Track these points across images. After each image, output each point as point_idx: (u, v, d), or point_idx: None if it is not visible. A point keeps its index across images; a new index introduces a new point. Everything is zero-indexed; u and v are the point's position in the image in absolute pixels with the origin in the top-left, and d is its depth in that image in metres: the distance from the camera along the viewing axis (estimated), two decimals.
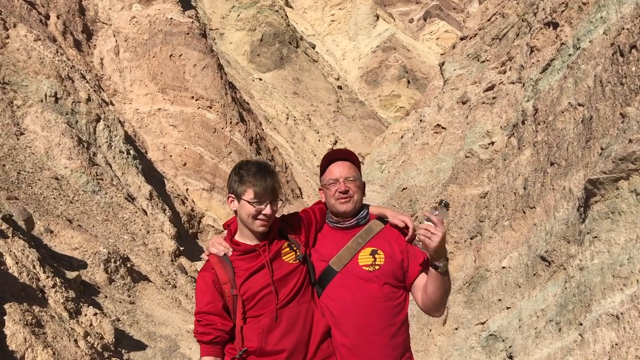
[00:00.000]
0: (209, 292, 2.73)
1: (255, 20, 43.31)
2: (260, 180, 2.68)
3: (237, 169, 2.77)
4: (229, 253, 2.79)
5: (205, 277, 2.76)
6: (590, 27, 7.08)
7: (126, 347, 7.73)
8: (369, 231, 2.92)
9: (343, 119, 41.89)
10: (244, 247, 2.80)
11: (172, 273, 12.39)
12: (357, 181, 2.92)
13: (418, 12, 72.40)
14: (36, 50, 15.36)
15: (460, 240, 8.57)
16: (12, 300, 5.78)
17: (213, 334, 2.71)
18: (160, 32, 23.03)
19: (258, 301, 2.72)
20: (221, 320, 2.72)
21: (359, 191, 2.92)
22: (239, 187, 2.73)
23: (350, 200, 2.89)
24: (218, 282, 2.73)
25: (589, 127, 6.24)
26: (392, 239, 2.91)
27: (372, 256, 2.86)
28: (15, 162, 12.08)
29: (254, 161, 2.80)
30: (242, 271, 2.74)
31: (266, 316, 2.71)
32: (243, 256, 2.78)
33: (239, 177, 2.73)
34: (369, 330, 2.80)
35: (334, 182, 2.91)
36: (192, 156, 21.41)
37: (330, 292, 2.84)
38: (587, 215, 5.37)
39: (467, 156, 9.19)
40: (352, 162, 2.96)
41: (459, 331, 7.46)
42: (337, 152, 3.01)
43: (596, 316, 4.58)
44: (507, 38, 10.23)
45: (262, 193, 2.68)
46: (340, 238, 2.92)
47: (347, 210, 2.90)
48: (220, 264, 2.76)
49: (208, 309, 2.72)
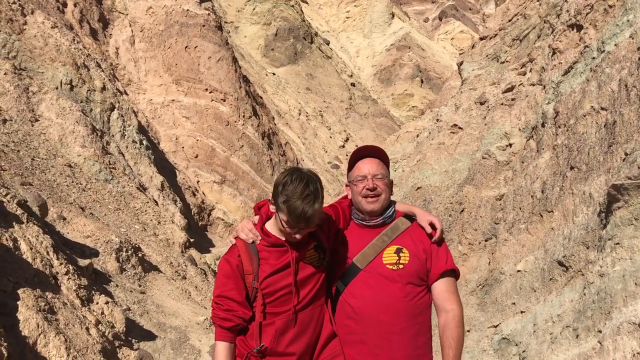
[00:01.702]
0: (233, 278, 2.68)
1: (271, 14, 43.24)
2: (298, 209, 2.53)
3: (285, 182, 2.60)
4: (257, 242, 2.73)
5: (230, 262, 2.71)
6: (616, 30, 6.97)
7: (136, 336, 7.73)
8: (394, 229, 2.87)
9: (355, 116, 41.79)
10: (274, 240, 2.73)
11: (182, 264, 12.39)
12: (385, 179, 2.86)
13: (434, 11, 72.04)
14: (53, 37, 15.39)
15: (474, 242, 8.50)
16: (25, 285, 5.77)
17: (234, 322, 2.67)
18: (176, 24, 23.03)
19: (277, 299, 2.68)
20: (242, 308, 2.67)
21: (387, 189, 2.86)
22: (278, 201, 2.61)
23: (377, 200, 2.83)
24: (243, 270, 2.68)
25: (612, 132, 6.15)
26: (417, 238, 2.86)
27: (396, 254, 2.81)
28: (29, 148, 12.11)
29: (302, 176, 2.60)
30: (268, 265, 2.69)
31: (282, 316, 2.68)
32: (271, 248, 2.72)
33: (282, 191, 2.58)
34: (389, 329, 2.75)
35: (361, 179, 2.85)
36: (204, 148, 21.42)
37: (353, 289, 2.80)
38: (609, 221, 5.28)
39: (484, 157, 9.10)
40: (381, 159, 2.90)
41: (471, 334, 7.40)
42: (366, 149, 2.95)
43: (617, 324, 4.51)
44: (528, 39, 10.12)
45: (295, 223, 2.59)
46: (366, 235, 2.88)
47: (375, 209, 2.85)
48: (247, 253, 2.70)
49: (231, 295, 2.67)
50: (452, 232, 9.28)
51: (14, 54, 14.01)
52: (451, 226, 9.48)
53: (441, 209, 9.74)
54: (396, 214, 2.95)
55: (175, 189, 17.61)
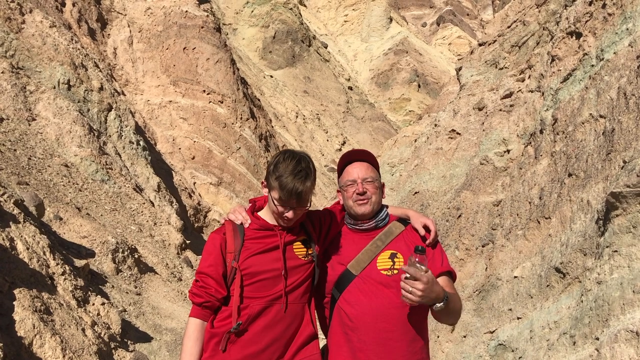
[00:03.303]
0: (213, 255, 2.69)
1: (269, 17, 43.30)
2: (288, 185, 2.59)
3: (276, 160, 2.69)
4: (245, 224, 2.74)
5: (214, 239, 2.73)
6: (615, 39, 7.00)
7: (132, 338, 7.70)
8: (388, 233, 2.85)
9: (352, 119, 41.83)
10: (263, 223, 2.74)
11: (178, 266, 12.36)
12: (375, 182, 2.84)
13: (431, 16, 72.27)
14: (51, 36, 15.36)
15: (471, 247, 8.50)
16: (21, 285, 5.75)
17: (204, 298, 2.66)
18: (174, 25, 23.03)
19: (257, 282, 2.66)
20: (216, 285, 2.66)
21: (377, 192, 2.85)
22: (270, 179, 2.67)
23: (368, 202, 2.82)
24: (225, 248, 2.69)
25: (610, 140, 6.17)
26: (411, 241, 2.83)
27: (391, 260, 2.79)
28: (26, 147, 12.08)
29: (295, 156, 2.68)
30: (252, 246, 2.69)
31: (258, 301, 2.65)
32: (259, 231, 2.72)
33: (274, 170, 2.65)
34: (386, 335, 2.73)
35: (351, 183, 2.84)
36: (201, 150, 21.40)
37: (348, 297, 2.78)
38: (607, 229, 5.30)
39: (482, 163, 9.12)
40: (370, 162, 2.89)
41: (468, 339, 7.40)
42: (355, 153, 2.94)
43: (614, 331, 4.51)
44: (527, 46, 10.15)
45: (287, 199, 2.62)
46: (359, 240, 2.86)
47: (365, 212, 2.83)
48: (232, 232, 2.71)
49: (208, 271, 2.67)
50: (449, 238, 9.28)
51: (11, 53, 13.98)
52: (448, 231, 9.49)
53: (438, 214, 9.75)
54: (390, 218, 2.93)
55: (172, 190, 17.58)
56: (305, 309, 2.77)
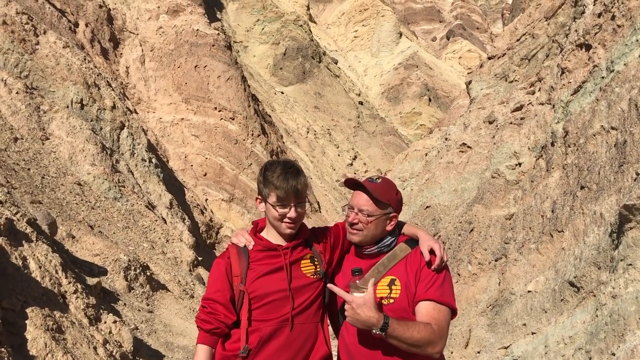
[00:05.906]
0: (220, 280, 2.66)
1: (279, 34, 43.62)
2: (284, 183, 2.59)
3: (263, 170, 2.70)
4: (249, 246, 2.72)
5: (219, 264, 2.70)
6: (625, 50, 6.97)
7: (144, 356, 7.69)
8: (391, 258, 2.74)
9: (363, 134, 41.86)
10: (266, 244, 2.71)
11: (190, 283, 12.36)
12: (370, 217, 2.70)
13: (441, 30, 72.45)
14: (64, 57, 15.57)
15: (484, 261, 8.43)
16: (34, 304, 5.77)
17: (213, 324, 2.62)
18: (186, 43, 23.28)
19: (266, 304, 2.62)
20: (225, 311, 2.62)
21: (370, 226, 2.71)
22: (264, 189, 2.66)
23: (357, 234, 2.72)
24: (231, 272, 2.66)
25: (622, 152, 6.11)
26: (412, 266, 2.70)
27: (389, 287, 2.68)
28: (39, 166, 12.20)
29: (279, 161, 2.71)
30: (257, 268, 2.66)
31: (269, 323, 2.60)
32: (263, 252, 2.69)
33: (264, 178, 2.66)
34: None
35: (350, 208, 2.76)
36: (213, 166, 21.50)
37: (347, 323, 2.66)
38: (621, 242, 5.23)
39: (494, 176, 9.07)
40: (373, 195, 2.71)
41: (481, 355, 7.30)
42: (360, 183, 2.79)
43: (631, 347, 4.44)
44: (536, 59, 10.13)
45: (285, 197, 2.60)
46: (363, 265, 2.75)
47: (354, 241, 2.75)
48: (237, 256, 2.69)
49: (215, 297, 2.64)
50: (462, 252, 9.21)
51: (25, 74, 14.18)
52: (460, 246, 9.43)
53: (450, 229, 9.68)
54: (399, 239, 2.82)
55: (184, 207, 17.64)
56: (319, 328, 2.71)
